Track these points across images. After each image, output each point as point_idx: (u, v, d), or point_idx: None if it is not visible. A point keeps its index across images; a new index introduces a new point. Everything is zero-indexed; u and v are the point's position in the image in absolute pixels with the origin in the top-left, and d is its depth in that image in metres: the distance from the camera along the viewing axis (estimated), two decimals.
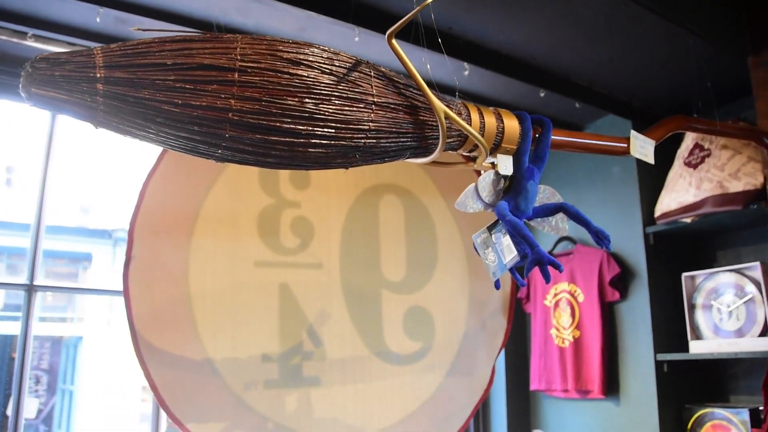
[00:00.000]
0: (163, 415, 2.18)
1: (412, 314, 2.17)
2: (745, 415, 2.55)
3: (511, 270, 1.35)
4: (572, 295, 3.09)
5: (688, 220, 2.71)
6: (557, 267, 1.24)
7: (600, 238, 1.39)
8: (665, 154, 2.89)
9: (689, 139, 2.83)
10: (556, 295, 3.18)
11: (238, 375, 1.89)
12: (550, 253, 3.24)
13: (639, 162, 2.92)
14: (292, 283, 2.01)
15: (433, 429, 2.12)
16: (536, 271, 3.24)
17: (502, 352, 3.26)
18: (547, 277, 1.27)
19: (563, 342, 3.12)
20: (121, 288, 1.88)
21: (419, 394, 2.11)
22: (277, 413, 1.91)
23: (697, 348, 2.68)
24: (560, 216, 1.45)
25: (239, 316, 1.93)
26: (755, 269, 2.57)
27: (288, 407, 1.92)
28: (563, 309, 3.14)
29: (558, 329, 3.15)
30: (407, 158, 1.23)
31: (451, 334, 2.17)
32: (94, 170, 8.29)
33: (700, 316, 2.72)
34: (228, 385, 1.88)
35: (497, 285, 1.35)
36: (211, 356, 1.87)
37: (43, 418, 8.41)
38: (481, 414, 3.37)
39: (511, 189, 1.37)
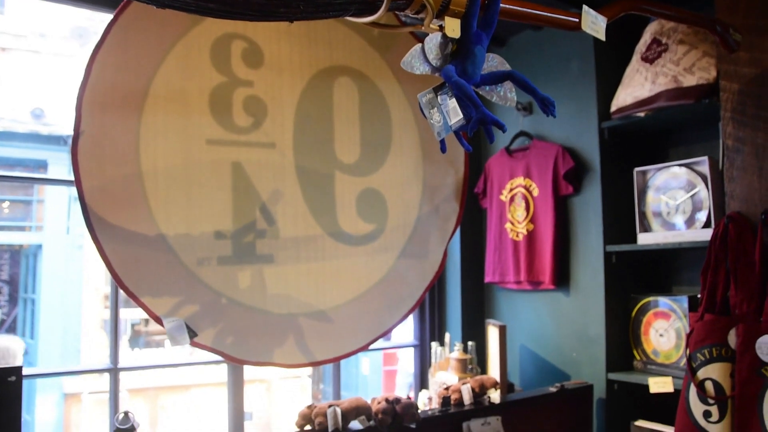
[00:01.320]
0: (122, 296, 2.20)
1: (365, 196, 2.19)
2: (685, 302, 2.66)
3: (457, 136, 1.36)
4: (527, 189, 3.15)
5: (642, 114, 2.75)
6: (501, 126, 1.25)
7: (546, 104, 1.40)
8: (624, 51, 2.90)
9: (648, 34, 2.83)
10: (511, 190, 3.23)
11: (192, 251, 1.91)
12: (506, 148, 3.27)
13: (597, 58, 2.93)
14: (245, 162, 2.01)
15: (386, 308, 2.18)
16: (492, 166, 3.29)
17: (456, 239, 3.34)
18: (490, 137, 1.29)
19: (517, 236, 3.19)
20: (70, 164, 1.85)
21: (372, 275, 2.16)
22: (230, 289, 1.94)
23: (644, 240, 2.77)
24: (508, 85, 1.45)
25: (192, 193, 1.93)
26: (703, 164, 2.63)
27: (242, 284, 1.95)
28: (518, 203, 3.20)
29: (513, 223, 3.22)
30: (351, 15, 1.22)
31: (404, 218, 2.21)
32: (45, 73, 8.01)
33: (649, 210, 2.79)
34: (181, 260, 1.90)
35: (443, 147, 1.37)
36: (163, 232, 1.88)
37: (6, 328, 8.44)
38: (437, 306, 3.47)
39: (459, 54, 1.36)
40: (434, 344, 3.09)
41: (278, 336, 1.97)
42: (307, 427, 2.04)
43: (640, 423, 2.74)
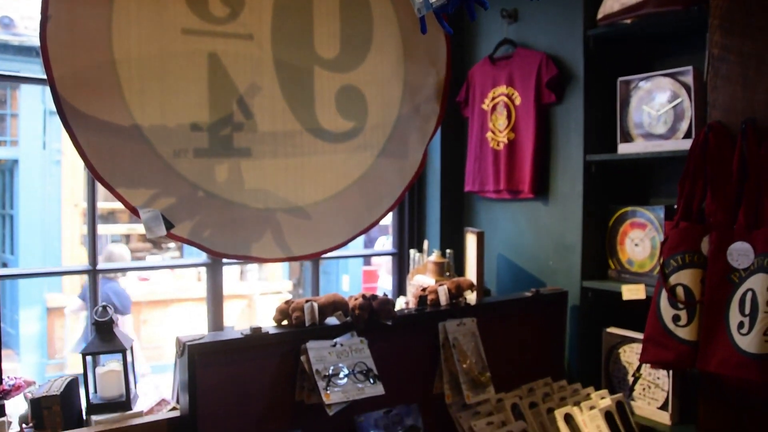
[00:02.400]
0: (100, 189, 2.17)
1: (344, 93, 2.15)
2: (662, 212, 2.69)
3: (438, 17, 1.33)
4: (509, 98, 3.11)
5: (629, 22, 2.70)
6: (482, 4, 1.22)
7: None
8: None
9: None
10: (493, 98, 3.19)
11: (167, 142, 1.87)
12: (490, 56, 3.22)
13: None
14: (221, 53, 1.95)
15: (364, 207, 2.18)
16: (475, 74, 3.24)
17: (437, 148, 3.33)
18: (471, 15, 1.26)
19: (498, 145, 3.18)
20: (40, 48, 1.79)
21: (351, 172, 2.14)
22: (207, 182, 1.92)
23: (625, 149, 2.76)
24: None
25: (167, 83, 1.88)
26: (687, 74, 2.60)
27: (219, 177, 1.93)
28: (500, 112, 3.17)
29: (494, 132, 3.20)
30: None
31: (384, 116, 2.18)
32: None
33: (631, 120, 2.78)
34: (157, 152, 1.87)
35: (423, 27, 1.33)
36: (138, 123, 1.84)
37: None
38: (416, 215, 3.48)
39: None
40: (412, 251, 3.11)
41: (256, 230, 1.97)
42: (284, 322, 2.06)
43: (612, 329, 2.82)
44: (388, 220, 3.05)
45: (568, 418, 2.48)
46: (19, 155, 7.25)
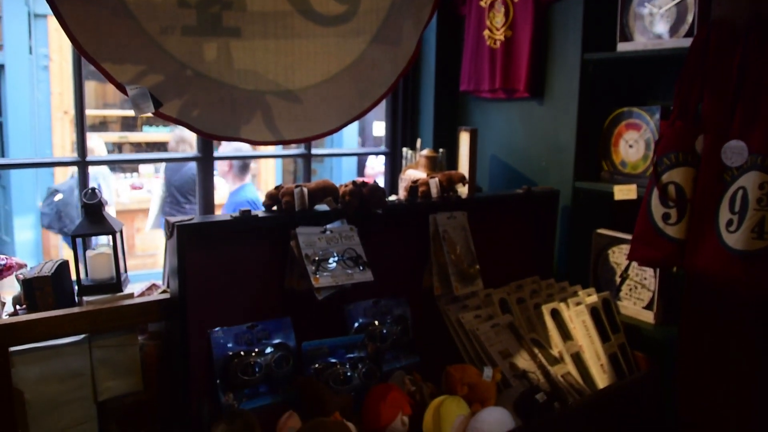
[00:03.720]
0: (89, 92, 2.13)
1: None
2: (658, 113, 2.65)
3: None
4: None
5: None
6: None
7: None
8: None
9: None
10: None
11: (154, 18, 1.81)
12: None
13: None
14: None
15: (356, 93, 2.13)
16: None
17: (431, 46, 3.27)
18: None
19: (495, 43, 3.10)
20: None
21: (343, 57, 2.08)
22: (196, 61, 1.87)
23: (624, 48, 2.70)
24: None
25: None
26: None
27: (207, 56, 1.88)
28: (498, 9, 3.08)
29: (491, 30, 3.12)
30: None
31: (378, 1, 2.10)
32: None
33: (632, 17, 2.70)
34: (143, 28, 1.81)
35: None
36: None
37: None
38: (410, 113, 3.43)
39: None
40: (405, 149, 3.08)
41: (245, 112, 1.93)
42: (274, 208, 2.06)
43: (602, 231, 2.83)
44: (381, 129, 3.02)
45: (555, 314, 2.52)
46: (5, 60, 7.06)
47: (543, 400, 2.08)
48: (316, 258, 1.98)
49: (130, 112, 8.34)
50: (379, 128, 8.46)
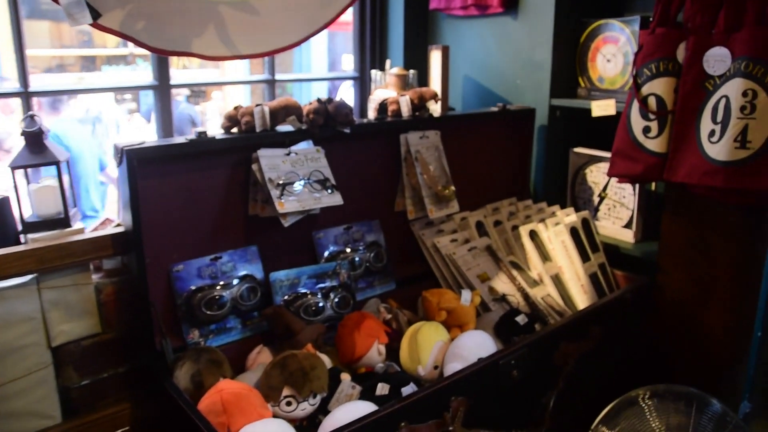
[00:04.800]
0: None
1: None
2: (637, 24, 2.52)
3: None
4: None
5: None
6: None
7: None
8: None
9: None
10: None
11: None
12: None
13: None
14: None
15: (319, 2, 1.97)
16: None
17: None
18: None
19: None
20: None
21: None
22: None
23: None
24: None
25: None
26: None
27: None
28: None
29: None
30: None
31: None
32: None
33: None
34: None
35: None
36: None
37: None
38: (378, 34, 3.26)
39: None
40: (374, 71, 2.92)
41: (196, 24, 1.76)
42: (234, 130, 1.91)
43: (579, 149, 2.73)
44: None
45: (533, 235, 2.44)
46: None
47: (524, 322, 2.01)
48: (281, 182, 1.85)
49: (89, 52, 7.99)
50: (348, 62, 8.20)
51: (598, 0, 2.77)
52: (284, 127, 1.96)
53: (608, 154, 2.38)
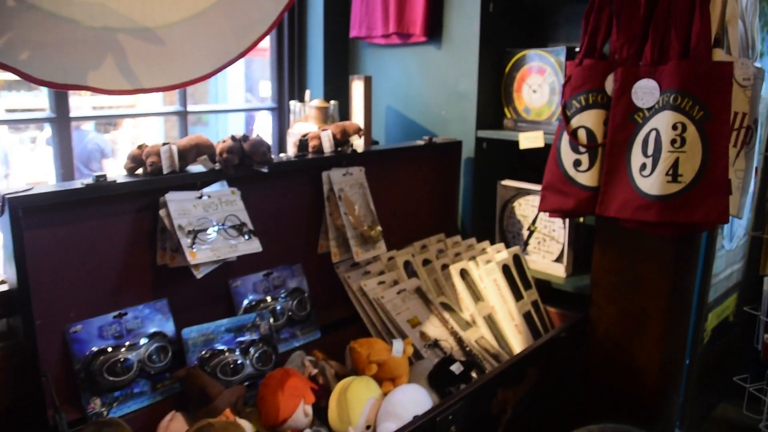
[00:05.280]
0: None
1: None
2: (562, 55, 2.48)
3: None
4: None
5: None
6: None
7: None
8: None
9: None
10: None
11: None
12: None
13: None
14: None
15: (231, 32, 1.81)
16: None
17: None
18: None
19: None
20: None
21: None
22: None
23: None
24: None
25: None
26: None
27: None
28: None
29: None
30: None
31: None
32: None
33: None
34: None
35: None
36: None
37: None
38: (297, 64, 3.12)
39: None
40: (293, 102, 2.77)
41: (92, 54, 1.56)
42: (139, 171, 1.72)
43: (507, 182, 2.66)
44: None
45: (464, 274, 2.33)
46: None
47: (459, 371, 1.88)
48: (192, 228, 1.67)
49: None
50: (266, 88, 7.95)
51: (523, 30, 2.73)
52: (195, 168, 1.78)
53: (537, 187, 2.32)
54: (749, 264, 2.81)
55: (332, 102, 2.77)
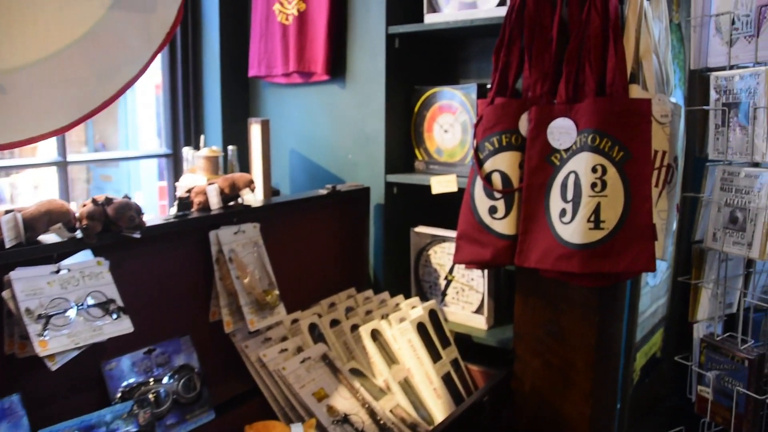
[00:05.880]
0: None
1: None
2: (474, 92, 2.34)
3: None
4: None
5: None
6: None
7: None
8: None
9: None
10: None
11: None
12: None
13: None
14: None
15: (94, 76, 1.56)
16: None
17: (215, 25, 2.75)
18: None
19: (287, 18, 2.64)
20: None
21: (69, 28, 1.50)
22: None
23: (432, 19, 2.35)
24: None
25: None
26: None
27: None
28: None
29: (282, 3, 2.64)
30: None
31: None
32: None
33: None
34: None
35: None
36: None
37: None
38: (192, 106, 2.87)
39: None
40: (186, 149, 2.52)
41: None
42: None
43: (421, 229, 2.48)
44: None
45: (376, 335, 2.12)
46: None
47: None
48: (43, 312, 1.40)
49: None
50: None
51: (432, 66, 2.58)
52: (50, 238, 1.51)
53: (452, 233, 2.16)
54: (673, 299, 2.72)
55: (231, 148, 2.55)
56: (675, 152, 1.97)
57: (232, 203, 1.92)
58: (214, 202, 1.84)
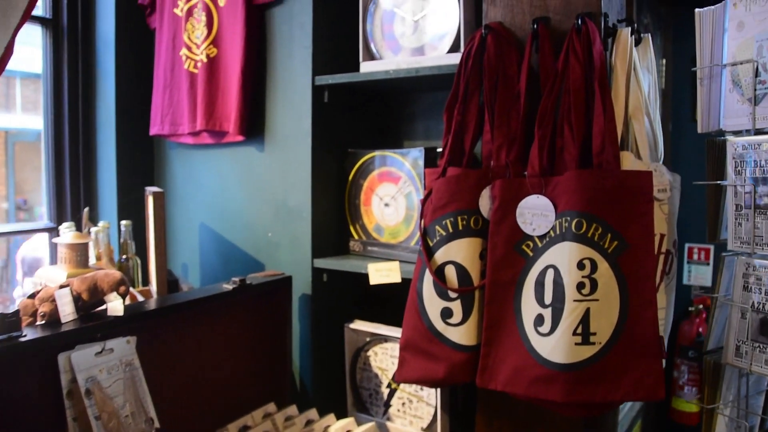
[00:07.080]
0: None
1: None
2: (420, 157, 1.91)
3: None
4: None
5: None
6: None
7: None
8: None
9: None
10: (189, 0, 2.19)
11: None
12: None
13: None
14: None
15: None
16: None
17: (110, 74, 2.32)
18: None
19: (195, 66, 2.19)
20: None
21: None
22: None
23: (369, 68, 1.94)
24: None
25: None
26: None
27: None
28: (198, 19, 2.19)
29: (190, 48, 2.20)
30: None
31: None
32: None
33: (378, 29, 1.97)
34: None
35: None
36: None
37: None
38: (83, 172, 2.38)
39: None
40: (63, 226, 1.99)
41: None
42: None
43: (357, 325, 2.02)
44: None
45: None
46: None
47: None
48: None
49: None
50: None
51: (370, 125, 2.16)
52: None
53: (396, 331, 1.69)
54: None
55: (124, 223, 2.06)
56: (674, 236, 1.58)
57: (91, 312, 1.40)
58: (66, 312, 1.33)
